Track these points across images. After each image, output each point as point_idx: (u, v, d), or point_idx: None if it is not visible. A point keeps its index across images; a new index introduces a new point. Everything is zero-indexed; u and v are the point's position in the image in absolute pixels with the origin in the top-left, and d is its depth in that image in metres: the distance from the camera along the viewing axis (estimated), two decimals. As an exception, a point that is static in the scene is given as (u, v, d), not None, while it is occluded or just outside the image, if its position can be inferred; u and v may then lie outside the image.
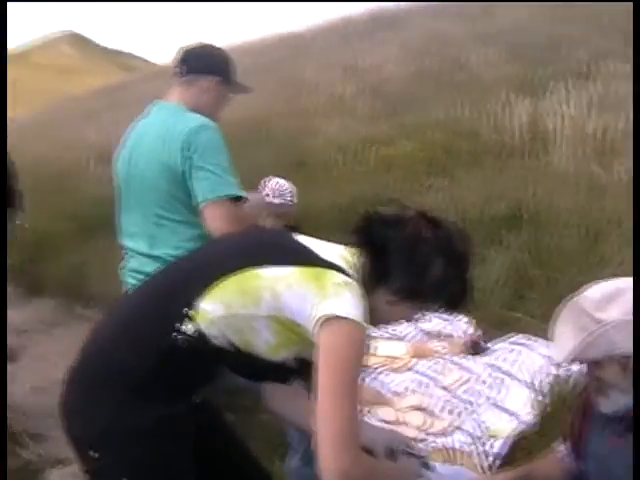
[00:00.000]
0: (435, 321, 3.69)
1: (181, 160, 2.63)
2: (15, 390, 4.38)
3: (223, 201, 2.59)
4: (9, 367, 5.33)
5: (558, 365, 2.99)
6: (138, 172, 2.80)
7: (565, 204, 4.37)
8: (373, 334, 3.69)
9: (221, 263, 1.87)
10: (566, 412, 2.54)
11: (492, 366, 3.31)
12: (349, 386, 1.74)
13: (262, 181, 3.88)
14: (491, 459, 2.74)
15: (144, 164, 2.77)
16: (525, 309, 3.53)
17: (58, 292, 6.82)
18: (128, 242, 2.91)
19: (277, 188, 3.79)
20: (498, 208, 4.52)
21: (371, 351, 3.64)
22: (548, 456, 2.31)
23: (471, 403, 3.14)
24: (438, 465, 2.52)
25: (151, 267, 2.58)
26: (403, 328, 3.75)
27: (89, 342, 1.92)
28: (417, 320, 3.66)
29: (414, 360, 3.49)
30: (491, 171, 5.23)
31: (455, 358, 3.44)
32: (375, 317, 1.92)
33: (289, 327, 1.80)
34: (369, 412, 3.14)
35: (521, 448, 2.77)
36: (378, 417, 3.10)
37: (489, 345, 3.50)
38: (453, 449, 2.81)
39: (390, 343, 3.69)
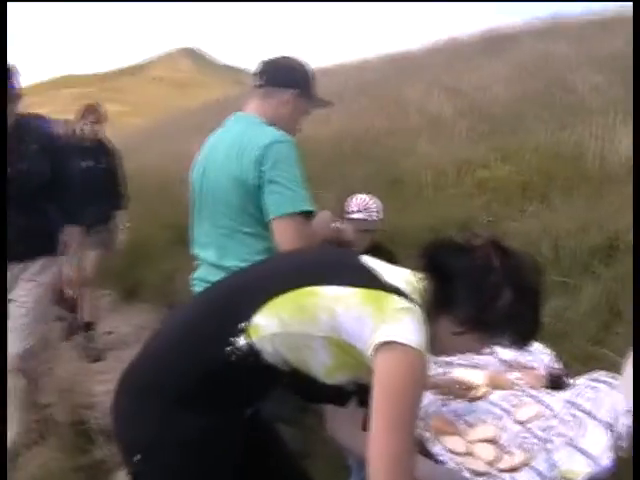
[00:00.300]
0: (515, 350, 3.54)
1: (254, 174, 2.63)
2: (97, 390, 4.50)
3: (294, 216, 2.58)
4: (95, 366, 5.52)
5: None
6: (211, 183, 2.82)
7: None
8: (451, 360, 3.63)
9: (280, 278, 1.85)
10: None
11: (571, 403, 3.13)
12: (405, 418, 1.68)
13: (348, 198, 3.87)
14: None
15: (217, 176, 2.79)
16: (613, 345, 3.34)
17: (151, 297, 7.00)
18: (199, 252, 2.93)
19: (361, 204, 3.79)
20: (593, 237, 4.32)
21: (447, 377, 3.55)
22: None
23: (546, 441, 2.98)
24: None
25: (218, 277, 2.59)
26: (482, 357, 3.62)
27: (144, 348, 1.94)
28: (494, 349, 3.60)
29: (490, 390, 3.36)
30: (589, 198, 5.01)
31: (533, 392, 3.28)
32: (438, 347, 1.86)
33: (346, 350, 1.76)
34: (437, 440, 3.04)
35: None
36: (446, 447, 2.99)
37: (571, 381, 3.32)
38: None
39: (467, 371, 3.56)
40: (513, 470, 2.82)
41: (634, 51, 3.86)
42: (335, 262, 1.93)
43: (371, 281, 1.78)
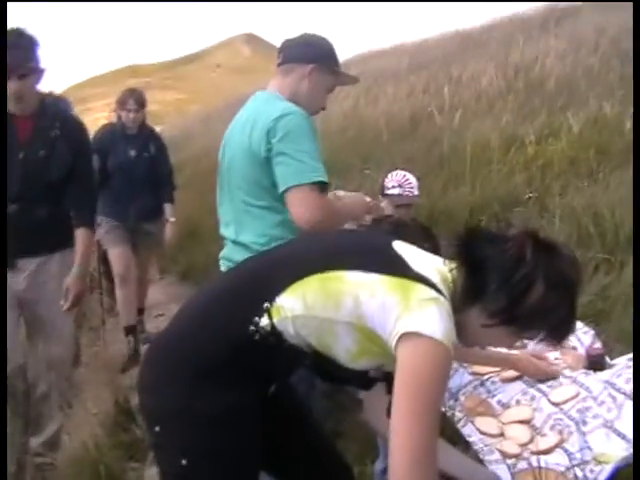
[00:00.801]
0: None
1: (264, 147, 2.60)
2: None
3: (304, 187, 2.53)
4: (143, 348, 5.59)
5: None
6: (229, 160, 2.82)
7: None
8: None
9: (307, 260, 1.82)
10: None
11: (610, 384, 3.02)
12: (427, 411, 1.64)
13: (386, 174, 3.84)
14: (588, 486, 2.50)
15: (233, 151, 2.80)
16: (659, 324, 3.20)
17: (201, 280, 7.07)
18: (223, 230, 2.93)
19: (398, 180, 3.75)
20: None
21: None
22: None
23: (582, 422, 2.88)
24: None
25: (238, 255, 2.59)
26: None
27: (172, 322, 1.94)
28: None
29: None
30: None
31: (572, 372, 3.17)
32: (467, 338, 1.82)
33: (370, 338, 1.72)
34: (471, 422, 2.97)
35: (623, 478, 2.50)
36: (478, 428, 2.93)
37: (611, 361, 3.20)
38: (547, 469, 2.58)
39: (505, 350, 3.47)
40: (545, 452, 2.74)
41: (634, 51, 3.69)
42: (363, 247, 1.88)
43: (398, 268, 1.73)
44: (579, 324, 3.42)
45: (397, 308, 1.65)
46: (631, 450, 2.62)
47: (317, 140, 2.67)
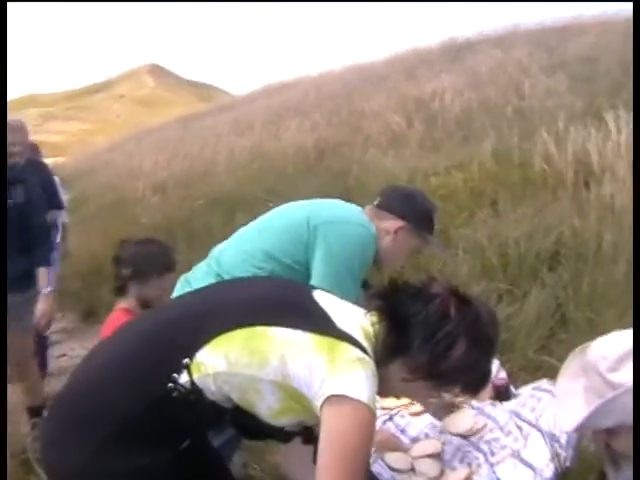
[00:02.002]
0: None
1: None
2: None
3: None
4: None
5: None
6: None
7: (612, 239, 4.09)
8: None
9: (229, 313, 1.75)
10: (587, 474, 2.32)
11: (515, 414, 3.06)
12: (353, 474, 1.60)
13: None
14: (500, 518, 2.51)
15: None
16: (558, 352, 3.28)
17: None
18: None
19: None
20: (541, 243, 4.28)
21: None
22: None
23: (492, 454, 2.90)
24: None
25: None
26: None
27: (80, 370, 1.82)
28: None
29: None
30: (539, 204, 4.97)
31: (478, 403, 3.20)
32: (386, 390, 1.79)
33: (294, 396, 1.67)
34: (381, 459, 2.95)
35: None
36: (390, 464, 2.91)
37: (516, 391, 3.25)
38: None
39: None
40: (457, 487, 2.75)
41: (634, 51, 3.82)
42: (289, 301, 1.82)
43: (324, 326, 1.69)
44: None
45: (324, 369, 1.61)
46: (538, 479, 2.66)
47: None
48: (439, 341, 1.70)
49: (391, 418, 3.26)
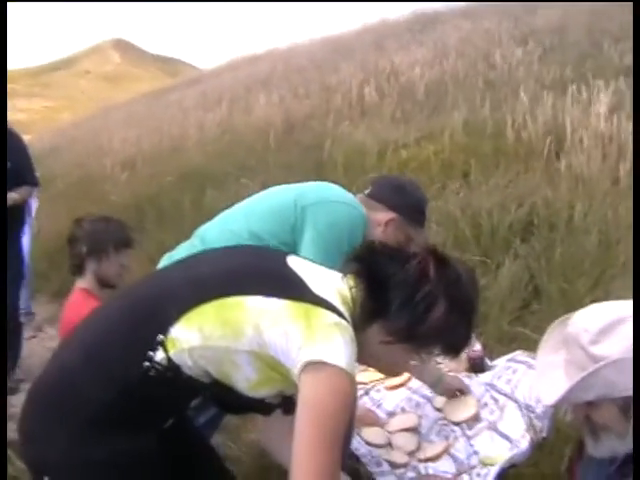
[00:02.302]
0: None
1: None
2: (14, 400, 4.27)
3: None
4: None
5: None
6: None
7: (583, 210, 4.09)
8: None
9: (201, 285, 1.69)
10: (563, 444, 2.32)
11: (491, 386, 3.06)
12: (331, 441, 1.56)
13: None
14: (477, 490, 2.51)
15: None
16: (532, 323, 3.28)
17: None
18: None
19: None
20: (513, 214, 4.27)
21: (366, 366, 3.45)
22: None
23: (468, 427, 2.90)
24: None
25: None
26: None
27: (54, 358, 1.76)
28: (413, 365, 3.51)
29: (410, 377, 3.27)
30: (511, 175, 4.96)
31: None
32: (364, 355, 1.74)
33: (272, 366, 1.63)
34: (358, 434, 2.93)
35: (508, 478, 2.53)
36: (367, 439, 2.90)
37: (491, 362, 3.24)
38: (435, 477, 2.58)
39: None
40: (432, 459, 2.74)
41: (634, 51, 3.81)
42: (261, 268, 1.77)
43: (299, 292, 1.65)
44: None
45: (300, 336, 1.57)
46: (515, 450, 2.67)
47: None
48: (418, 302, 1.67)
49: (367, 392, 3.24)
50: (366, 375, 3.34)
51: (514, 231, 4.15)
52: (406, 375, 3.27)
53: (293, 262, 1.77)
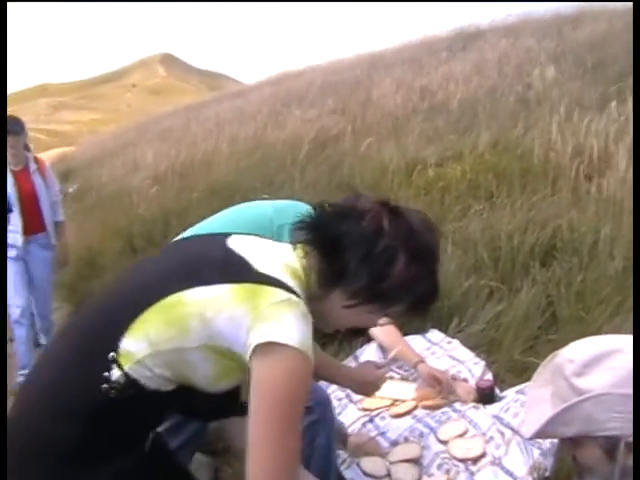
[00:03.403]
0: (445, 360, 3.33)
1: None
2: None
3: None
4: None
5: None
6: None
7: (610, 234, 3.92)
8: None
9: (140, 293, 1.59)
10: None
11: (498, 419, 2.92)
12: (288, 429, 1.46)
13: None
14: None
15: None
16: (546, 352, 3.11)
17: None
18: None
19: None
20: (535, 237, 4.11)
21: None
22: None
23: (472, 463, 2.76)
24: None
25: None
26: (414, 370, 3.40)
27: (19, 400, 1.66)
28: (426, 362, 3.39)
29: (416, 405, 3.14)
30: (537, 197, 4.80)
31: (461, 406, 3.06)
32: (330, 323, 1.67)
33: (226, 356, 1.52)
34: (357, 464, 2.82)
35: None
36: (365, 470, 2.78)
37: (501, 393, 3.11)
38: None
39: (395, 384, 3.35)
40: (433, 495, 2.62)
41: (634, 51, 3.67)
42: (196, 258, 1.66)
43: (241, 273, 1.54)
44: (470, 354, 3.33)
45: (247, 319, 1.47)
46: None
47: None
48: (377, 258, 1.55)
49: (371, 420, 3.14)
50: (372, 402, 3.24)
51: (535, 255, 3.98)
52: (412, 403, 3.17)
53: (234, 243, 1.65)
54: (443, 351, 3.41)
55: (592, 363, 1.44)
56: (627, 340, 1.48)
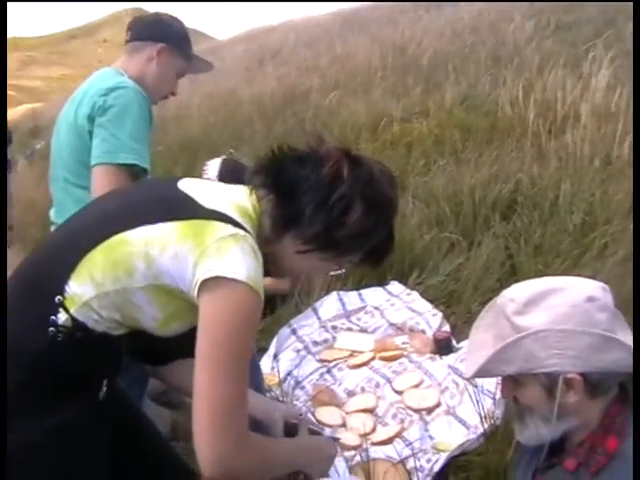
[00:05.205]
0: (404, 312, 3.34)
1: (88, 120, 2.34)
2: None
3: (114, 167, 2.27)
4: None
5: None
6: (57, 134, 2.57)
7: (570, 189, 3.93)
8: (338, 325, 3.42)
9: (84, 234, 1.55)
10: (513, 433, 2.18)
11: (454, 369, 2.94)
12: (235, 364, 1.44)
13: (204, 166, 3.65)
14: (421, 475, 2.39)
15: (59, 125, 2.55)
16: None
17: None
18: (50, 212, 2.66)
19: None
20: (496, 192, 4.11)
21: (331, 343, 3.34)
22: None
23: (427, 411, 2.78)
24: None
25: None
26: (373, 321, 3.41)
27: None
28: (384, 313, 3.40)
29: (374, 356, 3.16)
30: (502, 152, 4.79)
31: (417, 357, 3.08)
32: (282, 269, 1.64)
33: (175, 295, 1.49)
34: (312, 414, 2.83)
35: (457, 466, 2.41)
36: (321, 419, 2.79)
37: (457, 344, 3.13)
38: (380, 461, 2.47)
39: (354, 335, 3.36)
40: (383, 443, 2.63)
41: (634, 51, 3.63)
42: (141, 198, 1.62)
43: (187, 210, 1.51)
44: (428, 306, 3.34)
45: (192, 255, 1.44)
46: (470, 436, 2.56)
47: (147, 124, 2.40)
48: (333, 205, 1.52)
49: (329, 371, 3.15)
50: (330, 353, 3.26)
51: (496, 209, 3.98)
52: (370, 354, 3.18)
53: (184, 184, 1.61)
54: (402, 303, 3.42)
55: (532, 301, 1.43)
56: (568, 281, 1.49)
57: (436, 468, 2.43)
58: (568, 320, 1.39)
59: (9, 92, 16.89)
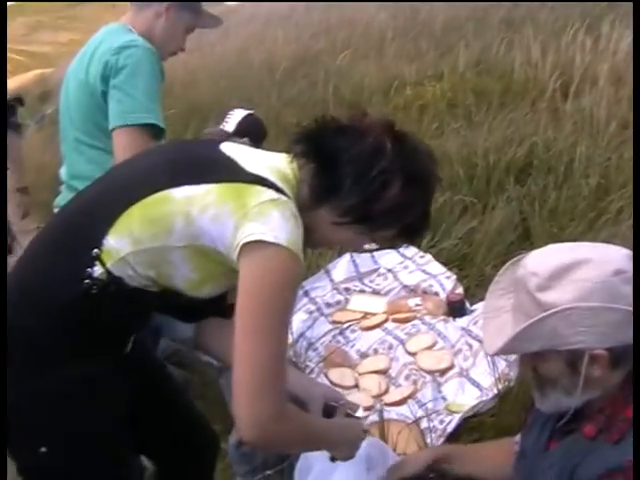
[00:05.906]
0: (417, 275, 3.33)
1: (101, 80, 2.32)
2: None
3: (133, 129, 2.25)
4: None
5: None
6: (65, 94, 2.54)
7: (586, 153, 3.89)
8: (351, 287, 3.42)
9: (125, 189, 1.56)
10: (526, 395, 2.19)
11: (467, 331, 2.94)
12: (276, 328, 1.45)
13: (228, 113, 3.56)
14: (434, 436, 2.40)
15: (67, 84, 2.52)
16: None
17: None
18: (61, 172, 2.64)
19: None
20: (511, 155, 4.07)
21: (343, 305, 3.34)
22: (499, 441, 1.98)
23: (440, 373, 2.79)
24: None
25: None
26: (386, 283, 3.40)
27: None
28: (397, 275, 3.39)
29: (387, 318, 3.16)
30: (516, 115, 4.74)
31: (431, 319, 3.07)
32: (316, 239, 1.62)
33: (212, 258, 1.50)
34: (325, 375, 2.84)
35: (470, 427, 2.41)
36: (333, 380, 2.80)
37: (470, 307, 3.12)
38: (394, 422, 2.48)
39: (366, 297, 3.36)
40: (396, 404, 2.64)
41: (634, 51, 3.56)
42: (185, 158, 1.62)
43: (229, 173, 1.51)
44: (442, 268, 3.33)
45: (233, 217, 1.44)
46: (483, 398, 2.56)
47: (159, 81, 2.38)
48: (373, 179, 1.51)
49: (342, 332, 3.15)
50: (343, 315, 3.25)
51: (510, 173, 3.95)
52: (383, 316, 3.18)
53: (227, 147, 1.62)
54: (415, 265, 3.41)
55: (557, 276, 1.38)
56: (593, 250, 1.44)
57: (449, 429, 2.45)
58: (594, 296, 1.35)
59: (18, 57, 16.79)
